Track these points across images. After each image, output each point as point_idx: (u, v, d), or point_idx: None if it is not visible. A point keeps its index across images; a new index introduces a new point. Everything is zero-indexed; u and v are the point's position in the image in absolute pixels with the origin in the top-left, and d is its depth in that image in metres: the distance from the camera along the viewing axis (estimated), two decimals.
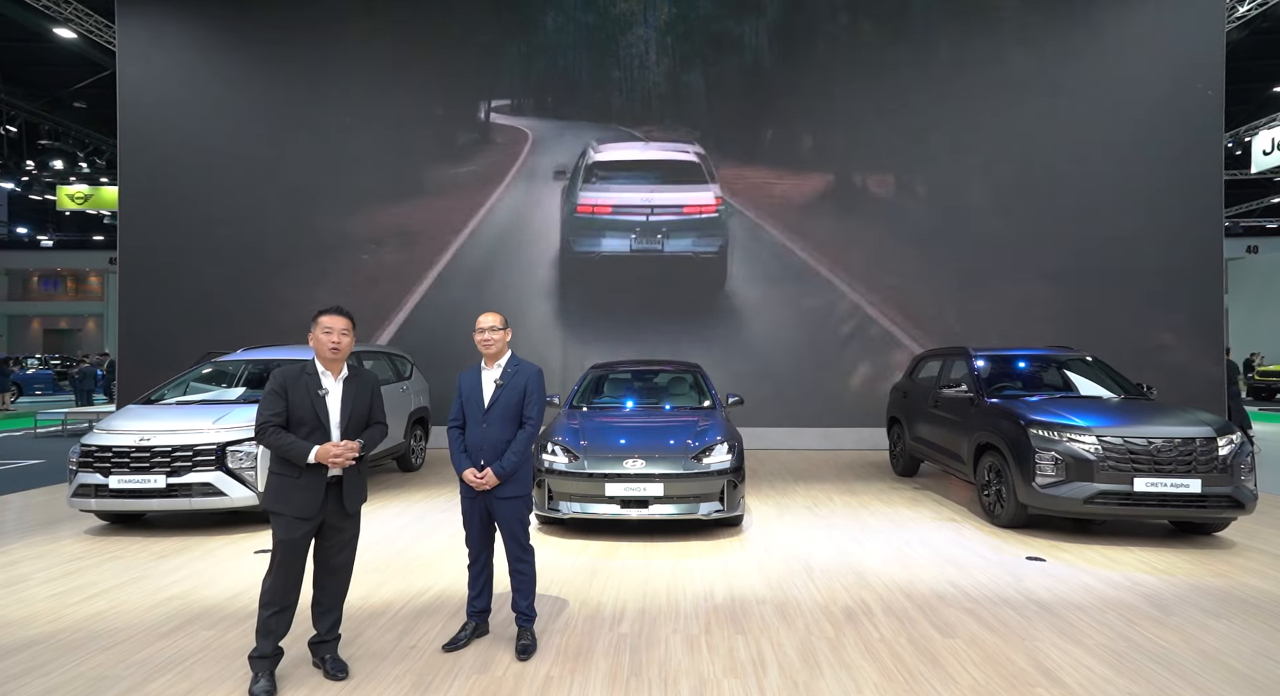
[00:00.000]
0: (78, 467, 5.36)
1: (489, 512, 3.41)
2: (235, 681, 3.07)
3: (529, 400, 3.38)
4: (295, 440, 2.98)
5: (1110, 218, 9.82)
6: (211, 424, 5.43)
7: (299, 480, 3.01)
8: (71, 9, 12.23)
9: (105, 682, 3.08)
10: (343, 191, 10.43)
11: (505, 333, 3.44)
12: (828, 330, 9.98)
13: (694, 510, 5.22)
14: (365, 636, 3.57)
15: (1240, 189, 22.23)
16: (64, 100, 18.20)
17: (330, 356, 3.11)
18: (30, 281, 34.43)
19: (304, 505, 3.01)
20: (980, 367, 6.49)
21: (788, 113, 10.23)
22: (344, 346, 3.12)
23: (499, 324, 3.42)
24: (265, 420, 2.98)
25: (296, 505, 3.00)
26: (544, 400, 3.48)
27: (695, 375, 6.86)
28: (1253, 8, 12.22)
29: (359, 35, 10.49)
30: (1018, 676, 3.14)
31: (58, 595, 4.17)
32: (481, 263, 10.31)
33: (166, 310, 10.47)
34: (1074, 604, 4.01)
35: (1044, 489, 5.13)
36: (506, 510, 3.35)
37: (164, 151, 10.56)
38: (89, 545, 5.25)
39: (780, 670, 3.21)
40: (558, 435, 5.53)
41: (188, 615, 3.86)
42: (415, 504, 6.65)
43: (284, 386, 3.03)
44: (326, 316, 3.13)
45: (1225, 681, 3.10)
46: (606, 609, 3.96)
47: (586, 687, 3.05)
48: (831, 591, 4.24)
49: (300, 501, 3.00)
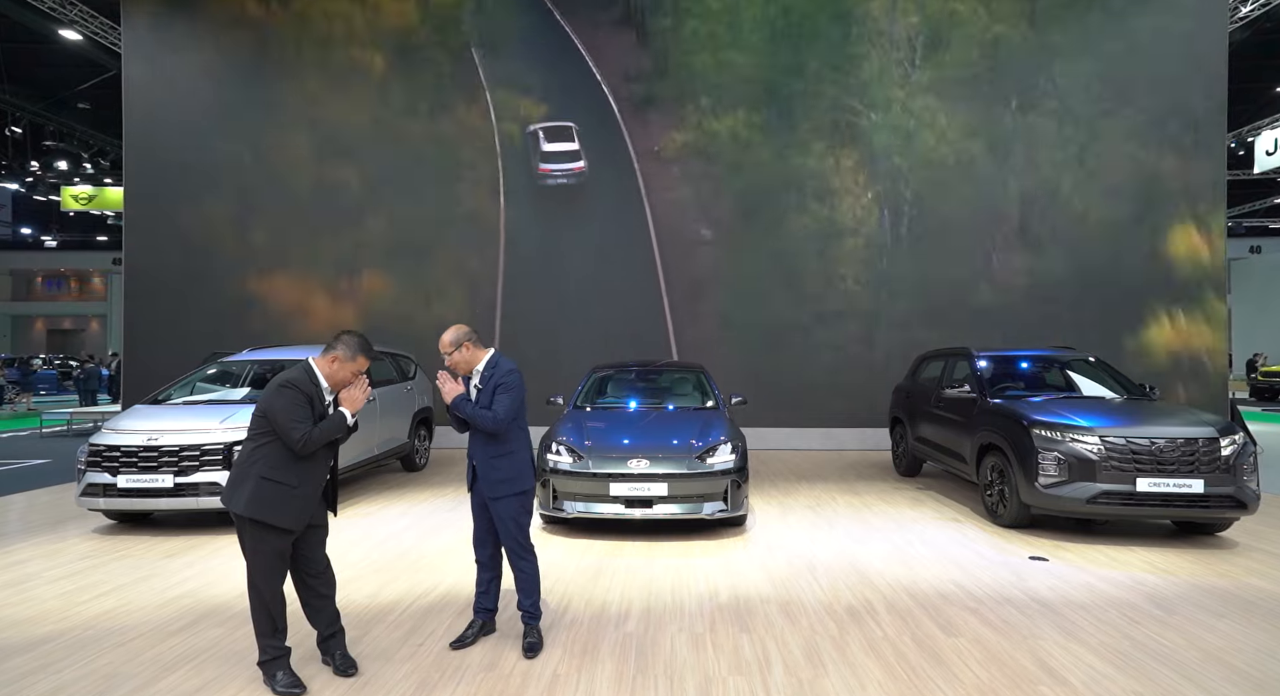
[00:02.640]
0: (86, 467, 5.39)
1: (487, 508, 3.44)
2: (245, 679, 3.10)
3: (495, 395, 3.36)
4: (325, 422, 2.99)
5: (1112, 217, 9.84)
6: (218, 424, 5.47)
7: (297, 489, 2.96)
8: (77, 11, 12.29)
9: (117, 679, 3.12)
10: (347, 191, 10.47)
11: (462, 351, 3.40)
12: (829, 330, 9.99)
13: (698, 510, 5.25)
14: (372, 634, 3.60)
15: (1243, 189, 22.22)
16: (68, 101, 18.28)
17: (338, 389, 3.12)
18: (34, 282, 34.56)
19: (299, 516, 2.98)
20: (983, 368, 6.51)
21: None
22: (354, 385, 3.16)
23: (449, 346, 3.39)
24: (307, 428, 2.92)
25: (293, 517, 2.95)
26: (513, 393, 3.37)
27: (699, 375, 6.88)
28: (1255, 8, 12.23)
29: (364, 36, 10.53)
30: (1021, 674, 3.16)
31: (67, 593, 4.21)
32: (483, 262, 10.35)
33: (171, 310, 10.51)
34: (1077, 603, 4.03)
35: (1047, 489, 5.15)
36: (500, 508, 3.37)
37: (169, 152, 10.61)
38: (97, 544, 5.29)
39: (785, 668, 3.24)
40: (562, 435, 5.55)
41: (197, 613, 3.90)
42: (419, 503, 6.68)
43: (309, 396, 3.00)
44: (365, 359, 3.11)
45: (1227, 680, 3.12)
46: (612, 607, 3.99)
47: (593, 685, 3.08)
48: (835, 590, 4.26)
49: (297, 512, 2.97)
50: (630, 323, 10.10)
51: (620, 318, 10.13)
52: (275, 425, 2.92)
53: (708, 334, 10.04)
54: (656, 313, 10.11)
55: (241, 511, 2.90)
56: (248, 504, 2.89)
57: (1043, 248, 9.90)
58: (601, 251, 10.26)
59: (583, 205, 10.34)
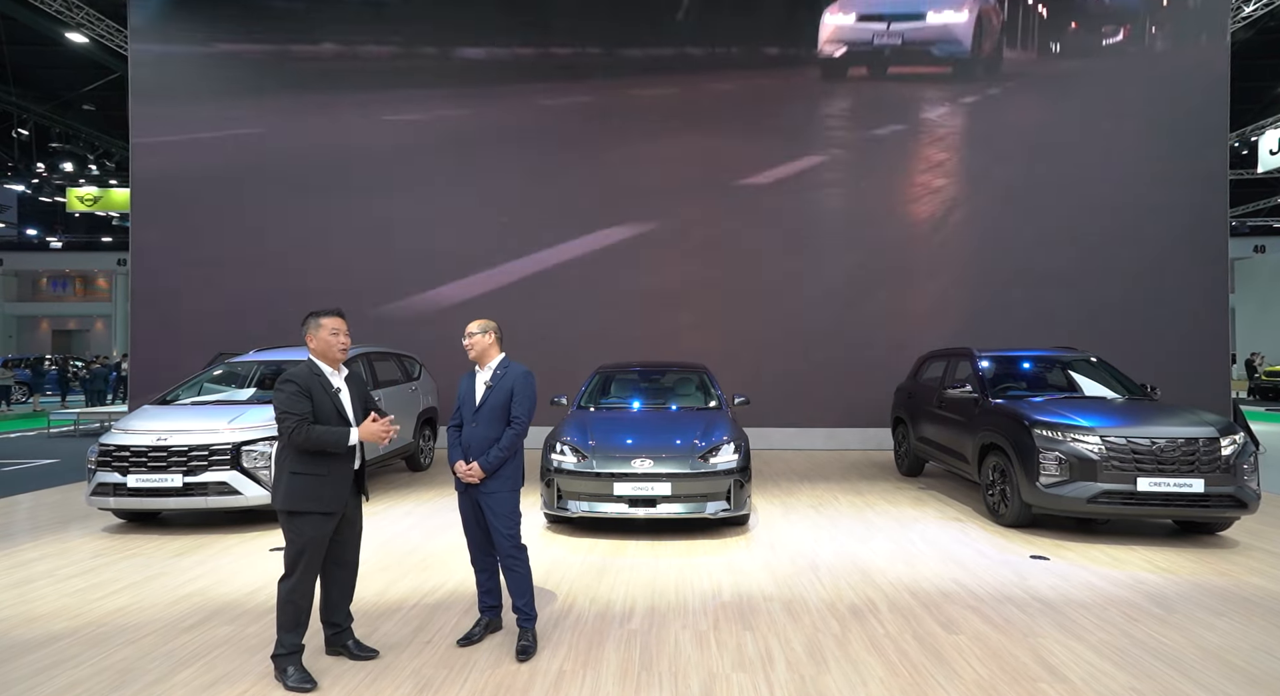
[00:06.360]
0: (96, 467, 5.45)
1: (480, 509, 3.48)
2: (257, 675, 3.15)
3: (515, 400, 3.45)
4: (329, 428, 3.06)
5: (1114, 217, 9.86)
6: (227, 424, 5.52)
7: (328, 476, 3.08)
8: (83, 14, 12.37)
9: (133, 675, 3.17)
10: (351, 191, 10.52)
11: (485, 337, 3.50)
12: (832, 330, 10.03)
13: (701, 509, 5.29)
14: (380, 632, 3.64)
15: (1246, 188, 22.19)
16: (74, 103, 18.38)
17: (340, 356, 3.21)
18: (39, 282, 34.71)
19: (335, 499, 3.10)
20: (984, 368, 6.54)
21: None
22: (349, 344, 3.26)
23: (477, 330, 3.52)
24: (301, 420, 3.01)
25: (328, 501, 3.08)
26: (531, 400, 3.49)
27: (701, 375, 6.93)
28: (1259, 7, 12.23)
29: (371, 38, 10.58)
30: (1022, 672, 3.20)
31: (80, 591, 4.27)
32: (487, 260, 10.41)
33: (177, 311, 10.58)
34: (1078, 601, 4.06)
35: (1048, 488, 5.18)
36: (491, 504, 3.41)
37: (174, 153, 10.67)
38: (107, 543, 5.35)
39: (788, 665, 3.28)
40: (566, 435, 5.60)
41: (208, 610, 3.95)
42: (424, 503, 6.73)
43: (307, 387, 3.09)
44: (330, 318, 3.19)
45: (1225, 677, 3.16)
46: (616, 605, 4.03)
47: (599, 681, 3.12)
48: (837, 589, 4.30)
49: (331, 496, 3.09)
50: (632, 322, 10.14)
51: (622, 317, 10.17)
52: (276, 419, 3.06)
53: (709, 334, 10.07)
54: (658, 312, 10.16)
55: (279, 506, 3.07)
56: (284, 499, 3.07)
57: (1042, 247, 9.91)
58: (604, 251, 10.30)
59: None
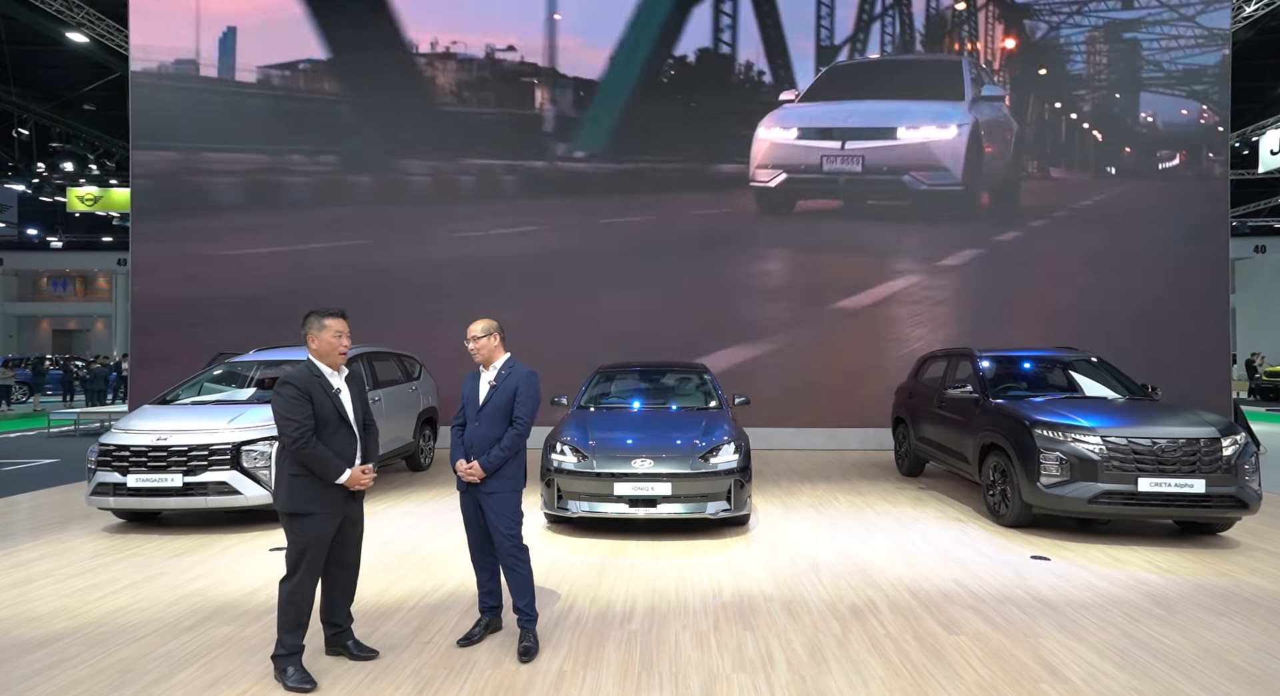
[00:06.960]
0: (96, 466, 5.45)
1: (481, 509, 3.48)
2: (257, 675, 3.15)
3: (518, 400, 3.46)
4: (330, 457, 3.05)
5: (1114, 217, 9.85)
6: (227, 424, 5.52)
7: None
8: (83, 14, 12.37)
9: (133, 674, 3.17)
10: (354, 191, 10.52)
11: (489, 339, 3.50)
12: (833, 330, 10.02)
13: (701, 509, 5.28)
14: (380, 632, 3.64)
15: (1247, 188, 22.18)
16: (74, 103, 18.39)
17: (341, 358, 3.20)
18: (39, 282, 34.71)
19: (337, 500, 3.11)
20: (985, 368, 6.53)
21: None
22: (350, 346, 3.25)
23: (480, 333, 3.51)
24: (302, 428, 2.99)
25: (331, 502, 3.09)
26: (535, 400, 3.50)
27: (702, 375, 6.92)
28: (1260, 7, 12.22)
29: (372, 41, 10.58)
30: (1022, 672, 3.19)
31: (80, 591, 4.26)
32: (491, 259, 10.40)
33: (177, 311, 10.57)
34: (1078, 602, 4.06)
35: (1049, 489, 5.17)
36: (492, 504, 3.41)
37: (174, 154, 10.66)
38: (107, 543, 5.35)
39: (788, 665, 3.27)
40: (566, 435, 5.59)
41: (207, 610, 3.95)
42: (424, 503, 6.73)
43: (307, 390, 3.07)
44: (333, 319, 3.17)
45: (1226, 677, 3.15)
46: (616, 605, 4.03)
47: (599, 681, 3.12)
48: (838, 589, 4.30)
49: (334, 498, 3.10)
50: (632, 323, 10.13)
51: (622, 318, 10.17)
52: (276, 423, 3.04)
53: (710, 333, 10.07)
54: (659, 312, 10.15)
55: (281, 508, 3.07)
56: (285, 501, 3.07)
57: (1043, 246, 9.91)
58: (606, 251, 10.30)
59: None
